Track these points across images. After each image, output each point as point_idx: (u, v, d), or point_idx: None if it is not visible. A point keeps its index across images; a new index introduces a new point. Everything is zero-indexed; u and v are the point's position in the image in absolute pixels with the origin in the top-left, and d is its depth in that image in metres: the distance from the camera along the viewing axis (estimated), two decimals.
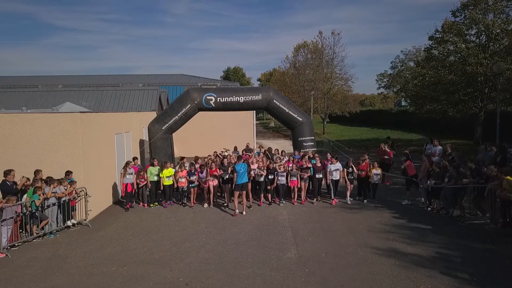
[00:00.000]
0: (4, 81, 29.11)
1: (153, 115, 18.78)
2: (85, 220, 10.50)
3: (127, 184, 12.04)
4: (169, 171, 12.34)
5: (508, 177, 8.88)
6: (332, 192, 12.46)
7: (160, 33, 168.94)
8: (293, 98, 42.10)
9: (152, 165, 12.73)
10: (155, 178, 12.46)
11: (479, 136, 23.35)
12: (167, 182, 12.41)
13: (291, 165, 12.55)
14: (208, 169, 12.20)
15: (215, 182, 12.36)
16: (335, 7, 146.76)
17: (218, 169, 12.36)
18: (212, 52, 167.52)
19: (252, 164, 12.72)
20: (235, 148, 16.58)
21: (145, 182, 12.40)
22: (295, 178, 12.28)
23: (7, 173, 9.14)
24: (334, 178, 12.41)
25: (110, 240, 9.25)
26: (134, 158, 13.25)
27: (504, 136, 18.10)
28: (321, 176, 12.59)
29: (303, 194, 12.56)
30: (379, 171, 12.55)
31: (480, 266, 7.33)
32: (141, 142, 16.46)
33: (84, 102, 20.73)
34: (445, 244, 8.54)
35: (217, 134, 21.40)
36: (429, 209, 11.37)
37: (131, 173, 12.13)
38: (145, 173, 12.45)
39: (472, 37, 23.64)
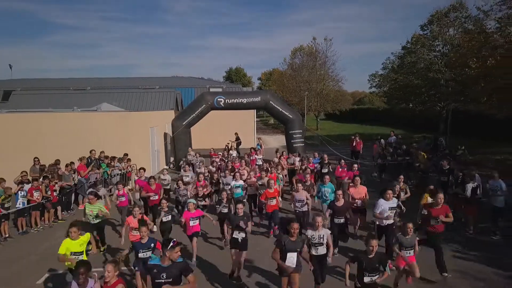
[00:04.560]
0: (28, 84, 33.03)
1: (171, 113, 23.22)
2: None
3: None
4: (97, 207, 8.37)
5: (423, 153, 13.46)
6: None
7: (161, 31, 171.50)
8: (290, 97, 46.59)
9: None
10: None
11: (442, 130, 27.78)
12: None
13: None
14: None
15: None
16: (336, 6, 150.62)
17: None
18: (214, 50, 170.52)
19: (243, 176, 11.06)
20: (237, 137, 20.60)
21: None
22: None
23: (91, 151, 13.78)
24: (385, 223, 7.77)
25: None
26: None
27: (466, 130, 22.68)
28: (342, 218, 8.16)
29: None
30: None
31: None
32: (165, 135, 20.94)
33: (114, 102, 25.13)
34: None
35: (222, 129, 25.00)
36: (379, 180, 15.87)
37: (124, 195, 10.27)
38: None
39: (438, 47, 28.07)
